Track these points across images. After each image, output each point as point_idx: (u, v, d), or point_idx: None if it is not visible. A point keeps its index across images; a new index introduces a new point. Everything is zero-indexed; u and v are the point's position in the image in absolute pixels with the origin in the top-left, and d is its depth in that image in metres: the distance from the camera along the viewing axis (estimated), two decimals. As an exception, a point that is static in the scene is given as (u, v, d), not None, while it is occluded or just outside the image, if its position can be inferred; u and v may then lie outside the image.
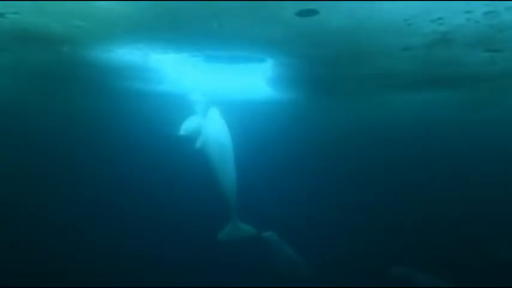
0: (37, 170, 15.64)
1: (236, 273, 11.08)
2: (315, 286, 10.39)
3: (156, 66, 9.96)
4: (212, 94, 9.78)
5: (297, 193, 14.42)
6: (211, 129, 8.69)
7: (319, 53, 7.89)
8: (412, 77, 9.88)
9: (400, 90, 11.68)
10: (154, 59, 9.28)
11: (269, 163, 15.32)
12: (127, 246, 12.33)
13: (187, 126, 8.99)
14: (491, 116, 15.35)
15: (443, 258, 11.24)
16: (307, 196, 14.54)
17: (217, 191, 8.43)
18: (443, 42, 6.73)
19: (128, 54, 8.57)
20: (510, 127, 16.53)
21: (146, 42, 7.57)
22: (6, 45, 8.04)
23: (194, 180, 12.95)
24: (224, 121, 8.78)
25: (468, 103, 13.46)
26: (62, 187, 14.84)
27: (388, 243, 12.29)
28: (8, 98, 13.92)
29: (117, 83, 11.53)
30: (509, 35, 6.23)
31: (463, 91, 11.54)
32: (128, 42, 7.59)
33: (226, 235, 8.75)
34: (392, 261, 10.83)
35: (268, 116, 14.72)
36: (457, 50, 7.21)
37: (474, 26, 5.83)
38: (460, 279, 9.59)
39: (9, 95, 13.49)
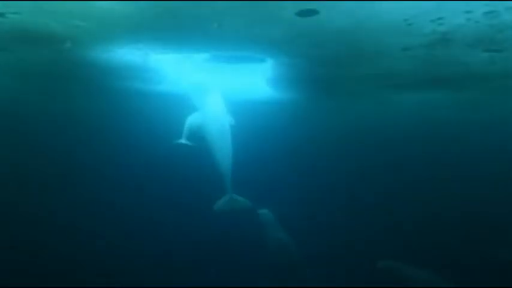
0: (37, 170, 15.64)
1: (234, 272, 11.10)
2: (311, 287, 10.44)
3: (156, 66, 9.96)
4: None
5: (296, 192, 14.43)
6: (210, 107, 9.15)
7: (319, 53, 7.89)
8: (412, 77, 9.88)
9: (400, 90, 11.68)
10: (154, 59, 9.28)
11: (269, 163, 15.32)
12: (127, 246, 12.34)
13: (190, 125, 9.18)
14: (491, 116, 15.35)
15: (443, 258, 11.24)
16: (307, 195, 14.54)
17: (214, 166, 8.63)
18: (443, 42, 6.73)
19: (127, 54, 8.57)
20: (510, 127, 16.53)
21: (146, 42, 7.57)
22: (6, 45, 8.04)
23: (194, 180, 12.98)
24: (223, 101, 9.23)
25: (468, 103, 13.45)
26: (61, 187, 14.85)
27: (388, 243, 12.30)
28: (8, 98, 13.92)
29: (117, 83, 11.53)
30: (509, 35, 6.23)
31: (463, 91, 11.53)
32: (128, 42, 7.59)
33: (221, 206, 8.76)
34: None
35: (268, 116, 14.72)
36: (457, 50, 7.21)
37: (474, 26, 5.83)
38: (460, 279, 9.59)
39: (9, 95, 13.49)
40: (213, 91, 9.57)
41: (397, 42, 6.89)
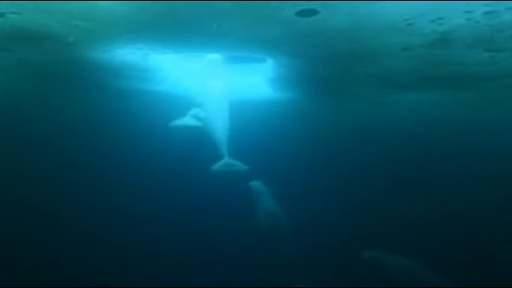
0: (37, 169, 15.64)
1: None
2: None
3: (156, 66, 9.97)
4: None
5: (296, 192, 14.43)
6: (211, 85, 9.67)
7: (319, 53, 7.89)
8: (412, 77, 9.88)
9: (400, 90, 11.68)
10: (154, 59, 9.29)
11: (269, 163, 15.31)
12: (127, 245, 12.34)
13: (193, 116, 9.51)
14: (491, 116, 15.35)
15: (443, 257, 11.25)
16: (307, 195, 14.54)
17: (212, 137, 9.15)
18: (443, 42, 6.73)
19: (128, 54, 8.57)
20: (510, 127, 16.53)
21: (146, 42, 7.57)
22: (6, 45, 8.04)
23: (194, 179, 12.99)
24: (223, 81, 9.70)
25: (468, 103, 13.45)
26: (61, 187, 14.85)
27: (387, 243, 12.29)
28: (8, 97, 13.92)
29: (117, 82, 11.53)
30: (509, 35, 6.23)
31: (463, 91, 11.54)
32: (128, 42, 7.59)
33: (218, 168, 9.17)
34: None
35: (269, 115, 14.73)
36: (457, 50, 7.20)
37: (474, 26, 5.83)
38: (460, 279, 9.59)
39: (9, 94, 13.49)
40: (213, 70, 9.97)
41: (397, 42, 6.89)
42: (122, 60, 9.02)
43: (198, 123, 9.43)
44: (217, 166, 9.08)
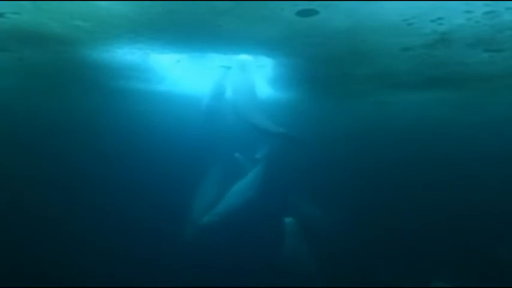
0: (36, 170, 15.63)
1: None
2: None
3: (156, 66, 9.98)
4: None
5: (296, 193, 14.44)
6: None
7: (319, 53, 7.90)
8: (412, 77, 9.88)
9: (400, 90, 11.68)
10: (154, 59, 9.30)
11: (268, 163, 15.31)
12: (127, 248, 12.34)
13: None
14: (491, 116, 15.35)
15: (443, 257, 11.26)
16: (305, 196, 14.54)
17: None
18: (443, 42, 6.73)
19: (128, 54, 8.58)
20: (510, 127, 16.54)
21: (146, 42, 7.58)
22: (6, 45, 8.04)
23: (195, 181, 13.00)
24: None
25: (468, 103, 13.46)
26: (61, 188, 14.84)
27: (387, 244, 12.31)
28: (8, 98, 13.92)
29: (117, 82, 11.53)
30: (509, 35, 6.24)
31: (463, 91, 11.54)
32: (128, 42, 7.59)
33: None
34: (391, 261, 10.84)
35: (269, 115, 14.71)
36: (457, 50, 7.21)
37: (474, 26, 5.83)
38: (459, 279, 9.60)
39: (9, 95, 13.48)
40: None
41: (397, 42, 6.89)
42: (122, 60, 9.03)
43: None
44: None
